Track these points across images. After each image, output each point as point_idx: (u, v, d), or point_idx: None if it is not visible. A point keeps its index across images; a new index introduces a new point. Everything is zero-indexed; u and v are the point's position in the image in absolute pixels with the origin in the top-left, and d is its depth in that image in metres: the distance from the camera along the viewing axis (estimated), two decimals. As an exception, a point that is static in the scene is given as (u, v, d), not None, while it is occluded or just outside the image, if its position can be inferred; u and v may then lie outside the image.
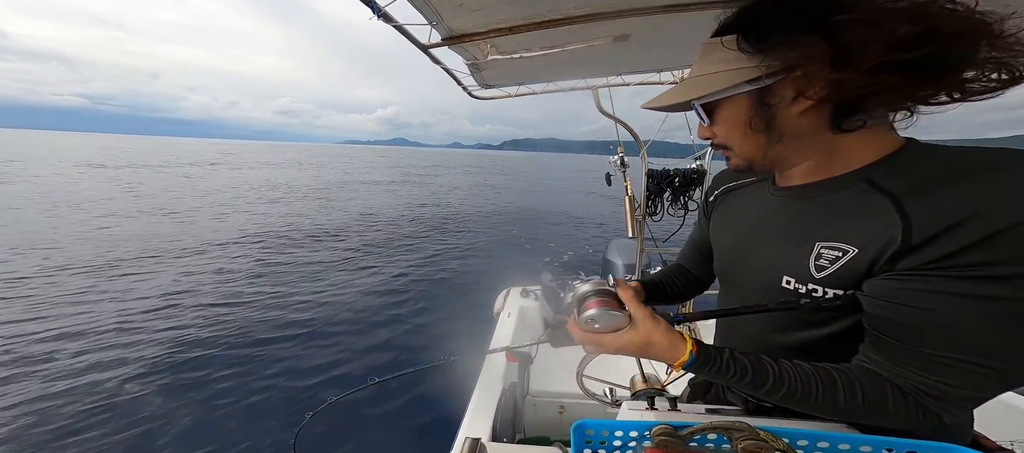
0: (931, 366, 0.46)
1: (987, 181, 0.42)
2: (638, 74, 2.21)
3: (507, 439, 1.26)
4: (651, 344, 0.55)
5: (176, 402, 2.91)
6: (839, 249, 0.50)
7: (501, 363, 1.61)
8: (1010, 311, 0.41)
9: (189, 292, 4.97)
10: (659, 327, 0.56)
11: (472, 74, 1.65)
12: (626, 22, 1.15)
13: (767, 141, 0.55)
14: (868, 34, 0.42)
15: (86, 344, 3.68)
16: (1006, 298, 0.40)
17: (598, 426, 0.66)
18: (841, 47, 0.44)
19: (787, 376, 0.52)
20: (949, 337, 0.44)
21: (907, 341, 0.47)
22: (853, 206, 0.50)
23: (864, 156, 0.51)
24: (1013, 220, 0.39)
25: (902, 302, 0.46)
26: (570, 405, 1.65)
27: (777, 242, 0.59)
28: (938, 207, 0.43)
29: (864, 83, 0.44)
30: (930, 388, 0.46)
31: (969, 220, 0.41)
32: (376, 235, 9.28)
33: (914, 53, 0.41)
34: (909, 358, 0.47)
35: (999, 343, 0.42)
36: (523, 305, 2.40)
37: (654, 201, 2.38)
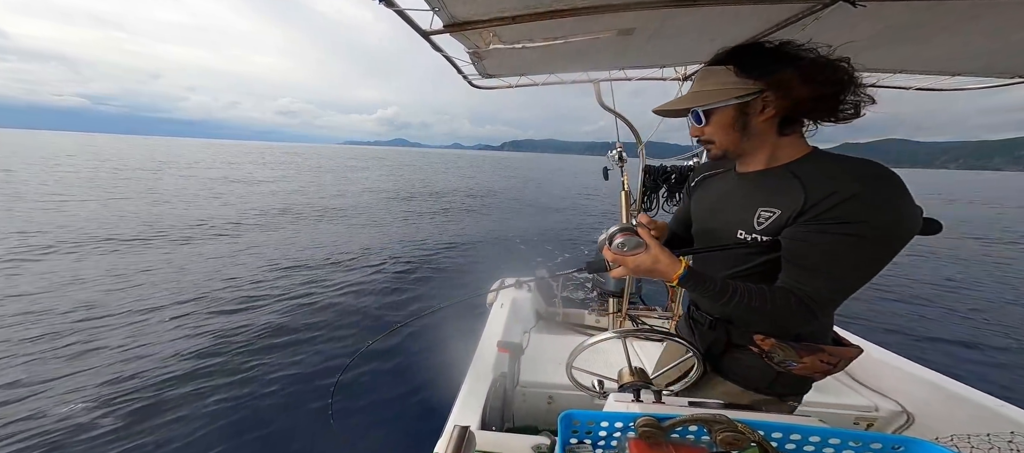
0: (809, 276, 0.75)
1: (844, 174, 0.73)
2: (641, 69, 2.19)
3: (496, 428, 1.28)
4: (659, 262, 0.82)
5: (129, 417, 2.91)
6: (771, 211, 0.80)
7: (491, 353, 1.63)
8: (847, 244, 0.71)
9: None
10: (664, 252, 0.83)
11: (473, 63, 1.63)
12: (631, 16, 1.14)
13: (741, 138, 0.84)
14: (807, 77, 0.75)
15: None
16: (845, 235, 0.71)
17: (585, 417, 0.68)
18: (789, 81, 0.75)
19: (739, 291, 0.79)
20: (818, 258, 0.74)
21: (799, 263, 0.77)
22: (781, 186, 0.80)
23: (790, 154, 0.83)
24: (852, 192, 0.70)
25: (799, 239, 0.76)
26: (559, 396, 1.68)
27: (734, 208, 0.88)
28: (821, 187, 0.74)
29: (801, 106, 0.77)
30: (809, 290, 0.75)
31: (833, 194, 0.72)
32: (370, 229, 9.24)
33: (826, 91, 0.75)
34: (800, 273, 0.77)
35: (840, 262, 0.73)
36: (516, 296, 2.42)
37: (650, 196, 2.39)
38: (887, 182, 0.71)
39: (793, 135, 0.82)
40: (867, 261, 0.72)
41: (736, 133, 0.83)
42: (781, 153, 0.83)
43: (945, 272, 7.28)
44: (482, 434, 1.01)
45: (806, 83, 0.74)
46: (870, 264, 0.73)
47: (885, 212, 0.69)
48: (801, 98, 0.75)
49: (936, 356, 3.98)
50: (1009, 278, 7.07)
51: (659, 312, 2.61)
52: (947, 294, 6.04)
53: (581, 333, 2.43)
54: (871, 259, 0.72)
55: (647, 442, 0.63)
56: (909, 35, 1.29)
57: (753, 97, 0.78)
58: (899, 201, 0.70)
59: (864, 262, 0.72)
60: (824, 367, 0.86)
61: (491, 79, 2.02)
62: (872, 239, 0.70)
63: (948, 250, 9.17)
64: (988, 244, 10.39)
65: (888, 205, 0.70)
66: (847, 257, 0.72)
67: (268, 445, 2.40)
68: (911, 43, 1.36)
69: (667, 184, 2.36)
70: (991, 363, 3.87)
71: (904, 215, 0.70)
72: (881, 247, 0.71)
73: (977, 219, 16.43)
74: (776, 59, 0.77)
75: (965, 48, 1.36)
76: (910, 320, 4.96)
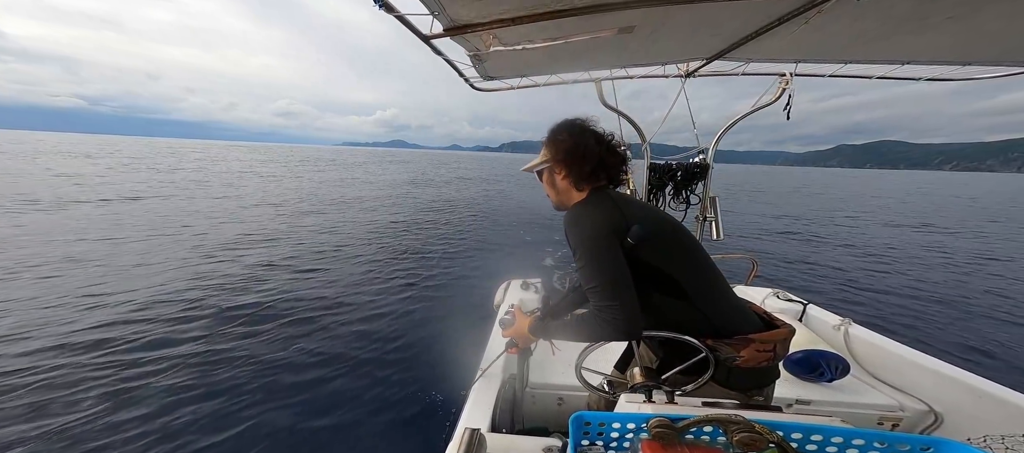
0: (590, 294, 0.91)
1: (568, 214, 1.04)
2: (643, 67, 2.18)
3: (506, 430, 1.28)
4: (521, 327, 1.20)
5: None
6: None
7: (500, 355, 1.63)
8: (582, 263, 0.92)
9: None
10: (522, 317, 1.22)
11: (474, 65, 1.64)
12: (632, 13, 1.14)
13: (557, 192, 1.12)
14: (566, 148, 1.05)
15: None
16: (576, 258, 0.94)
17: (596, 417, 0.67)
18: (561, 153, 1.06)
19: (574, 322, 0.99)
20: (583, 282, 0.93)
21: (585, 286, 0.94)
22: None
23: (571, 202, 1.09)
24: (566, 226, 1.01)
25: (576, 270, 0.96)
26: (569, 397, 1.67)
27: None
28: (565, 227, 1.02)
29: (572, 170, 1.06)
30: (594, 307, 0.90)
31: (566, 233, 1.01)
32: (373, 231, 9.29)
33: (593, 162, 1.03)
34: (588, 295, 0.93)
35: (584, 278, 0.92)
36: (523, 297, 2.41)
37: (656, 195, 2.37)
38: (578, 207, 1.02)
39: (588, 189, 1.06)
40: (594, 266, 0.91)
41: (553, 189, 1.12)
42: (570, 203, 1.09)
43: (971, 270, 7.12)
44: (493, 436, 1.00)
45: (568, 154, 1.04)
46: (599, 266, 0.90)
47: (576, 229, 0.96)
48: (572, 163, 1.04)
49: (965, 354, 3.87)
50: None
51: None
52: (978, 293, 5.89)
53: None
54: (595, 263, 0.91)
55: (661, 443, 0.61)
56: (916, 25, 1.26)
57: (548, 165, 1.09)
58: (584, 216, 0.97)
59: (592, 268, 0.91)
60: (764, 356, 0.93)
61: (493, 81, 2.02)
62: (583, 249, 0.93)
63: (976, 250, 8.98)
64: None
65: (575, 223, 0.98)
66: (584, 273, 0.92)
67: (270, 448, 2.40)
68: (919, 33, 1.34)
69: (673, 182, 2.34)
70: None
71: (587, 225, 0.95)
72: (590, 250, 0.92)
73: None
74: (552, 135, 1.07)
75: (975, 36, 1.33)
76: (937, 319, 4.84)
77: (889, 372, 1.75)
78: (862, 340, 1.90)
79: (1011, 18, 1.18)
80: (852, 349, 1.90)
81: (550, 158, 1.07)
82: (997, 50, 1.47)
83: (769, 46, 1.59)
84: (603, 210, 0.97)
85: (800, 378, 1.70)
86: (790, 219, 13.41)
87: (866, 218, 13.74)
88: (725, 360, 0.94)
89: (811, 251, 8.14)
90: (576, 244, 0.94)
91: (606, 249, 0.91)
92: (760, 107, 2.10)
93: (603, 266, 0.90)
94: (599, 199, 1.00)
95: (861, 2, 1.04)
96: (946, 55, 1.58)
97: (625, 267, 0.90)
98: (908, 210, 15.80)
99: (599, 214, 0.96)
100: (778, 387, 1.68)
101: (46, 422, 2.52)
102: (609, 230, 0.92)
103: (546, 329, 1.10)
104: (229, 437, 2.48)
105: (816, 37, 1.45)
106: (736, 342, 0.92)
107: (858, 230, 11.16)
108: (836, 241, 9.32)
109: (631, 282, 0.89)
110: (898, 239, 9.76)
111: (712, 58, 1.85)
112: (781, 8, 1.20)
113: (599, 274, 0.89)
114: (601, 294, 0.88)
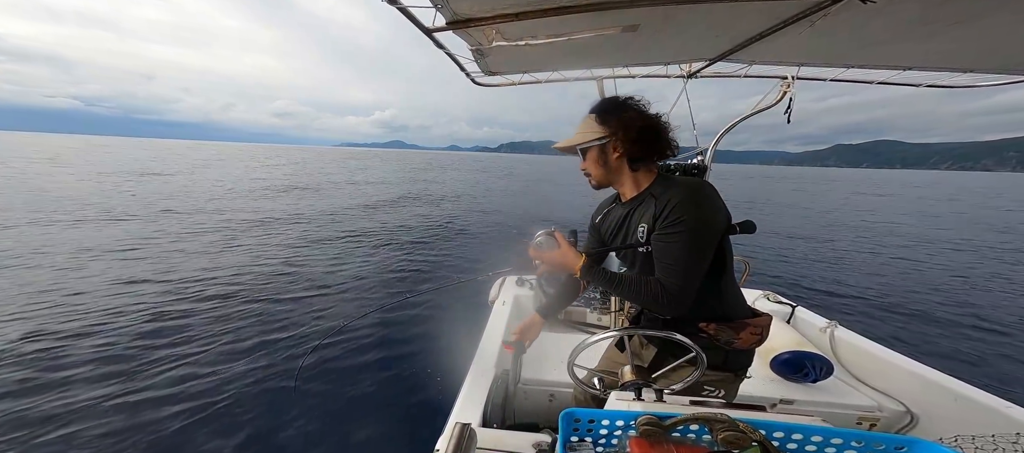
0: (661, 268, 0.97)
1: (672, 189, 0.99)
2: (645, 66, 2.17)
3: (497, 425, 1.29)
4: (566, 256, 1.11)
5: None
6: (643, 226, 1.02)
7: (493, 351, 1.64)
8: (675, 238, 0.94)
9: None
10: (571, 250, 1.11)
11: (476, 60, 1.63)
12: (637, 12, 1.13)
13: (605, 172, 1.09)
14: (631, 123, 1.02)
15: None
16: (674, 232, 0.94)
17: (586, 414, 0.68)
18: (624, 128, 1.02)
19: (625, 280, 1.01)
20: (661, 253, 0.97)
21: (658, 259, 0.98)
22: (646, 205, 1.04)
23: (649, 180, 1.07)
24: (677, 200, 0.95)
25: (655, 242, 0.98)
26: (560, 393, 1.69)
27: (627, 227, 1.11)
28: (661, 200, 0.98)
29: (632, 148, 1.03)
30: (665, 280, 0.95)
31: (666, 204, 0.96)
32: (369, 224, 9.27)
33: (645, 134, 1.02)
34: (659, 267, 0.97)
35: (673, 252, 0.94)
36: (518, 293, 2.42)
37: None
38: (698, 191, 0.97)
39: (643, 168, 1.06)
40: (691, 250, 0.93)
41: (602, 167, 1.08)
42: (641, 181, 1.07)
43: (955, 271, 7.18)
44: (483, 431, 1.02)
45: (631, 130, 1.01)
46: (694, 250, 0.94)
47: (695, 211, 0.94)
48: (631, 141, 1.01)
49: (940, 355, 3.93)
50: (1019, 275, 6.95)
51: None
52: (957, 293, 5.95)
53: (583, 331, 2.43)
54: (693, 246, 0.93)
55: (648, 440, 0.62)
56: (921, 31, 1.26)
57: (605, 141, 1.04)
58: (707, 203, 0.96)
59: (689, 249, 0.93)
60: (755, 338, 1.05)
61: (494, 77, 2.01)
62: (690, 230, 0.93)
63: (960, 248, 9.04)
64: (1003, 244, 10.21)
65: (698, 207, 0.95)
66: (677, 248, 0.94)
67: (256, 440, 2.41)
68: (923, 39, 1.33)
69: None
70: (996, 362, 3.81)
71: (708, 213, 0.95)
72: (698, 236, 0.94)
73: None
74: (616, 112, 1.03)
75: (979, 44, 1.33)
76: (918, 320, 4.90)
77: (871, 374, 1.79)
78: (847, 343, 1.95)
79: (1013, 27, 1.17)
80: (837, 351, 1.95)
81: (608, 134, 1.02)
82: (999, 59, 1.47)
83: (772, 49, 1.58)
84: (719, 202, 0.99)
85: (785, 378, 1.75)
86: (786, 218, 13.46)
87: (860, 218, 13.80)
88: (724, 342, 1.03)
89: (805, 252, 8.18)
90: (690, 223, 0.93)
91: (711, 241, 0.95)
92: (761, 109, 2.10)
93: (701, 254, 0.94)
94: (700, 186, 0.99)
95: (867, 6, 1.03)
96: (948, 62, 1.58)
97: (710, 259, 0.97)
98: (910, 210, 15.87)
99: (719, 205, 0.98)
100: (763, 386, 1.71)
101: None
102: (722, 225, 0.97)
103: (597, 275, 1.06)
104: (211, 429, 2.49)
105: (820, 41, 1.44)
106: (736, 325, 1.03)
107: (849, 231, 11.22)
108: (824, 241, 9.36)
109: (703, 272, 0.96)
110: (891, 241, 9.81)
111: (715, 59, 1.84)
112: (786, 11, 1.19)
113: (691, 259, 0.93)
114: (679, 274, 0.93)
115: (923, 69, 1.69)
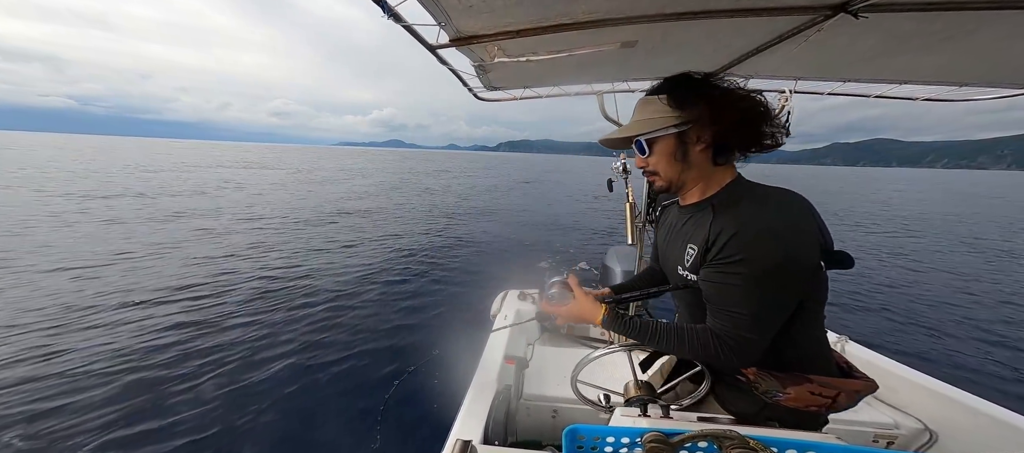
0: (714, 315, 0.76)
1: (735, 210, 0.75)
2: (644, 81, 2.21)
3: (499, 442, 1.26)
4: (582, 308, 0.93)
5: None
6: (693, 247, 0.81)
7: (495, 365, 1.61)
8: (732, 281, 0.72)
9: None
10: (587, 299, 0.93)
11: (478, 76, 1.66)
12: (634, 28, 1.16)
13: (682, 169, 0.84)
14: (728, 104, 0.77)
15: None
16: (729, 273, 0.73)
17: (590, 431, 0.67)
18: (717, 110, 0.77)
19: (660, 331, 0.82)
20: (715, 297, 0.76)
21: (711, 302, 0.78)
22: (701, 220, 0.81)
23: (718, 184, 0.83)
24: (732, 231, 0.72)
25: (704, 279, 0.78)
26: (564, 410, 1.65)
27: (676, 243, 0.89)
28: (718, 224, 0.75)
29: (728, 134, 0.79)
30: (720, 330, 0.75)
31: (721, 233, 0.74)
32: (366, 233, 9.29)
33: (747, 118, 0.77)
34: (712, 313, 0.77)
35: (731, 299, 0.73)
36: (520, 308, 2.40)
37: (655, 208, 2.37)
38: (771, 217, 0.71)
39: (725, 165, 0.83)
40: (761, 295, 0.71)
41: (678, 163, 0.83)
42: (712, 184, 0.84)
43: (969, 284, 7.09)
44: (485, 449, 0.99)
45: (730, 111, 0.77)
46: (761, 300, 0.71)
47: (762, 248, 0.70)
48: (728, 126, 0.77)
49: (961, 372, 3.84)
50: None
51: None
52: (973, 306, 5.85)
53: (586, 346, 2.39)
54: (760, 295, 0.71)
55: (655, 458, 0.60)
56: (914, 45, 1.28)
57: (689, 127, 0.80)
58: (785, 236, 0.69)
59: (754, 298, 0.71)
60: (818, 400, 0.79)
61: (496, 91, 2.05)
62: (754, 276, 0.70)
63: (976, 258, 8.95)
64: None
65: (765, 242, 0.69)
66: (735, 294, 0.72)
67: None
68: (916, 53, 1.36)
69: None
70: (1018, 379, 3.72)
71: (783, 250, 0.69)
72: (767, 282, 0.70)
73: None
74: (702, 90, 0.80)
75: (972, 58, 1.35)
76: (933, 335, 4.80)
77: (885, 390, 1.74)
78: (859, 357, 1.91)
79: (1003, 43, 1.20)
80: None
81: (689, 118, 0.78)
82: (991, 72, 1.49)
83: (769, 63, 1.61)
84: (806, 227, 0.71)
85: None
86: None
87: (867, 223, 13.70)
88: (763, 393, 0.80)
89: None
90: (754, 264, 0.69)
91: (792, 284, 0.71)
92: None
93: (777, 301, 0.72)
94: (778, 208, 0.72)
95: (860, 21, 1.05)
96: (943, 76, 1.61)
97: (792, 305, 0.73)
98: (911, 211, 15.74)
99: (803, 238, 0.70)
100: None
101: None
102: (808, 263, 0.71)
103: (624, 325, 0.84)
104: (216, 447, 2.44)
105: (816, 55, 1.47)
106: (788, 378, 0.78)
107: (859, 233, 11.12)
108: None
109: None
110: (897, 247, 9.71)
111: (713, 73, 1.87)
112: (782, 26, 1.22)
113: (763, 306, 0.71)
114: (746, 325, 0.72)
115: (918, 82, 1.71)
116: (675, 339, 0.79)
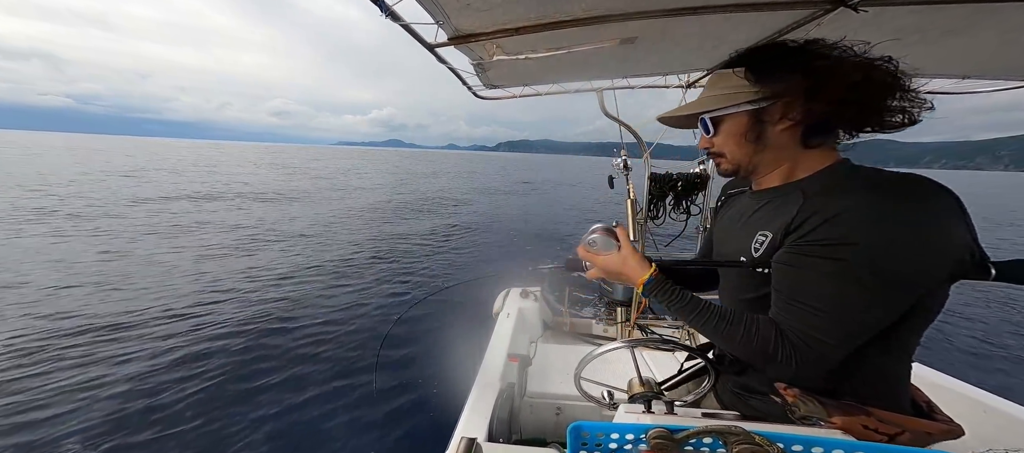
0: (791, 309, 0.62)
1: (848, 187, 0.60)
2: (644, 78, 2.20)
3: (503, 440, 1.26)
4: (627, 263, 0.77)
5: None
6: (764, 235, 0.67)
7: (499, 363, 1.61)
8: (823, 270, 0.57)
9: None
10: (635, 256, 0.77)
11: (477, 74, 1.66)
12: (633, 25, 1.15)
13: (755, 150, 0.71)
14: (832, 77, 0.60)
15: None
16: (823, 258, 0.57)
17: (594, 428, 0.66)
18: (814, 84, 0.61)
19: (713, 311, 0.69)
20: (791, 286, 0.62)
21: (782, 291, 0.64)
22: (784, 204, 0.66)
23: (811, 168, 0.68)
24: (843, 207, 0.56)
25: (778, 262, 0.64)
26: (567, 407, 1.65)
27: (741, 232, 0.76)
28: (814, 203, 0.60)
29: (828, 111, 0.62)
30: (790, 328, 0.61)
31: (822, 210, 0.58)
32: (367, 234, 9.30)
33: (859, 93, 0.59)
34: (781, 305, 0.64)
35: (815, 293, 0.59)
36: (522, 306, 2.40)
37: (656, 205, 2.38)
38: (897, 202, 0.54)
39: (821, 147, 0.67)
40: (853, 295, 0.55)
41: (749, 144, 0.70)
42: (801, 167, 0.69)
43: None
44: (489, 446, 0.99)
45: (834, 86, 0.59)
46: (856, 300, 0.55)
47: (874, 234, 0.53)
48: (831, 103, 0.60)
49: (975, 370, 3.83)
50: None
51: (668, 321, 2.57)
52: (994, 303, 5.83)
53: (589, 343, 2.40)
54: (855, 294, 0.55)
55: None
56: (915, 39, 1.28)
57: (769, 103, 0.66)
58: (904, 225, 0.52)
59: (846, 296, 0.56)
60: (871, 435, 0.62)
61: (495, 89, 2.05)
62: (858, 266, 0.54)
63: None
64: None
65: (880, 228, 0.53)
66: (822, 285, 0.57)
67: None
68: (917, 46, 1.35)
69: (673, 192, 2.34)
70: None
71: (907, 244, 0.52)
72: (870, 281, 0.54)
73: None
74: (798, 59, 0.63)
75: (974, 50, 1.35)
76: (945, 332, 4.79)
77: None
78: None
79: (1004, 35, 1.19)
80: None
81: (772, 94, 0.65)
82: (993, 65, 1.49)
83: (769, 58, 1.61)
84: (952, 228, 0.54)
85: None
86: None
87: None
88: (801, 418, 0.66)
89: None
90: (865, 252, 0.53)
91: (902, 293, 0.55)
92: None
93: (874, 308, 0.56)
94: (936, 191, 0.55)
95: (859, 15, 1.05)
96: (945, 68, 1.60)
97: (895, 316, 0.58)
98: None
99: (945, 231, 0.53)
100: None
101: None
102: (941, 273, 0.55)
103: (669, 296, 0.72)
104: (209, 445, 2.45)
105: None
106: (838, 406, 0.64)
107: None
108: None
109: None
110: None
111: (713, 69, 1.87)
112: (781, 21, 1.22)
113: (854, 309, 0.56)
114: (824, 326, 0.58)
115: (919, 75, 1.71)
116: (726, 324, 0.66)
